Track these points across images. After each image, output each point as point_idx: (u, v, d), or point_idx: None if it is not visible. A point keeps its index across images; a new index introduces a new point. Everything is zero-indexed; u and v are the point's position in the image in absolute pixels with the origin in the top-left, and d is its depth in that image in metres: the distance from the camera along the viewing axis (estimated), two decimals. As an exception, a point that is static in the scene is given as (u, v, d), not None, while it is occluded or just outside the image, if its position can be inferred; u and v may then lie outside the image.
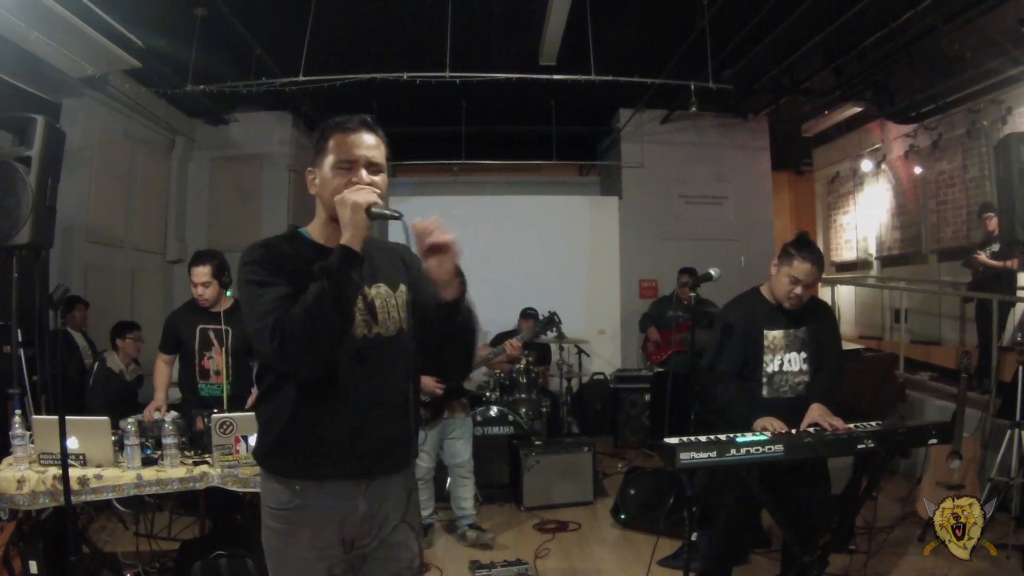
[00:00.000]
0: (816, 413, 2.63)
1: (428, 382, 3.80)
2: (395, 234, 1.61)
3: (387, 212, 1.52)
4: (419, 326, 1.66)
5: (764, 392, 2.79)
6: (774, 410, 2.65)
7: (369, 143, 1.59)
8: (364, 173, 1.57)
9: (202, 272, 3.42)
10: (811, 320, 2.83)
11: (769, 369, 2.79)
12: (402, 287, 1.69)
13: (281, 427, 1.57)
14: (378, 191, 1.56)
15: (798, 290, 2.71)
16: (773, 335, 2.79)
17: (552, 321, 4.21)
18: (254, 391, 3.26)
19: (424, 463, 3.95)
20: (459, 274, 1.53)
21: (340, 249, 1.46)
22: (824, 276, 9.66)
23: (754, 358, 2.80)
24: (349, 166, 1.57)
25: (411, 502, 1.70)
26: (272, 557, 1.62)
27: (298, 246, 1.63)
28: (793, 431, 2.51)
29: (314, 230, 1.67)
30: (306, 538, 1.57)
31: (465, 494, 4.10)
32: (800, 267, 2.69)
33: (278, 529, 1.60)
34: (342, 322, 1.47)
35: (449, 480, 4.21)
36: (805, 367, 2.79)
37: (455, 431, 4.07)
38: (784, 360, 2.79)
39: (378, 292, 1.64)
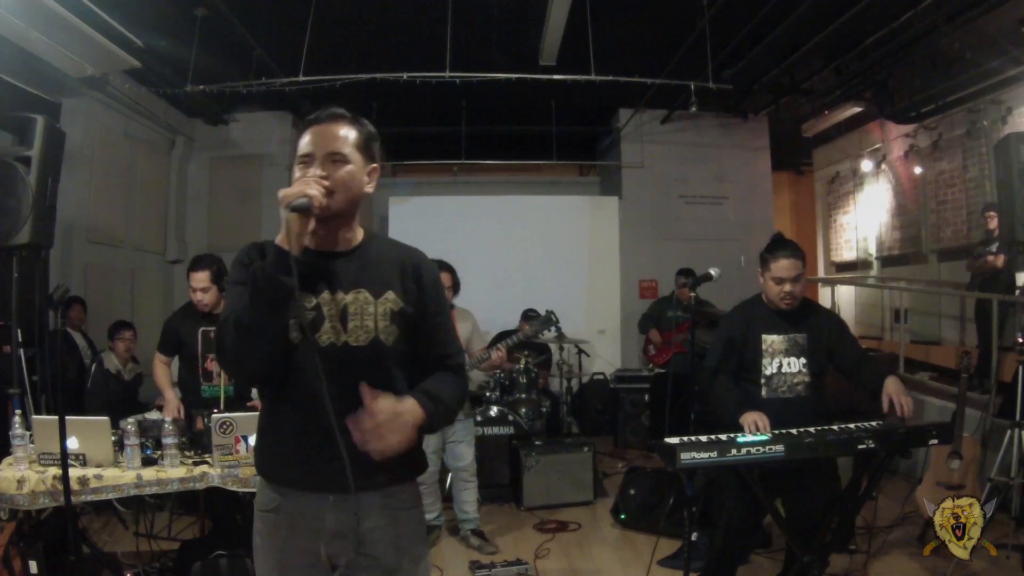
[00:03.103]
0: (892, 388, 2.64)
1: None
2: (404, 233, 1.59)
3: (298, 203, 1.41)
4: (410, 338, 1.59)
5: (763, 393, 2.83)
6: (771, 409, 2.68)
7: (332, 134, 1.53)
8: (314, 169, 1.49)
9: (201, 278, 3.38)
10: (813, 327, 2.86)
11: (767, 371, 2.83)
12: (390, 295, 1.57)
13: (263, 430, 1.62)
14: (326, 183, 1.47)
15: (787, 287, 2.77)
16: (771, 339, 2.83)
17: (549, 320, 4.04)
18: (254, 393, 3.27)
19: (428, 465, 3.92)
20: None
21: (273, 249, 1.43)
22: (824, 276, 9.68)
23: (753, 361, 2.84)
24: (306, 160, 1.52)
25: (401, 523, 1.59)
26: (255, 555, 1.63)
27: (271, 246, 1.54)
28: (794, 431, 2.51)
29: None
30: (280, 542, 1.56)
31: (468, 497, 4.05)
32: (779, 266, 2.76)
33: (259, 529, 1.61)
34: (265, 324, 1.43)
35: (451, 482, 4.16)
36: (804, 370, 2.83)
37: (457, 434, 4.01)
38: (783, 363, 2.83)
39: (355, 298, 1.55)
